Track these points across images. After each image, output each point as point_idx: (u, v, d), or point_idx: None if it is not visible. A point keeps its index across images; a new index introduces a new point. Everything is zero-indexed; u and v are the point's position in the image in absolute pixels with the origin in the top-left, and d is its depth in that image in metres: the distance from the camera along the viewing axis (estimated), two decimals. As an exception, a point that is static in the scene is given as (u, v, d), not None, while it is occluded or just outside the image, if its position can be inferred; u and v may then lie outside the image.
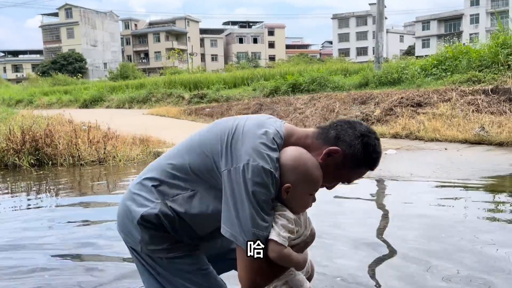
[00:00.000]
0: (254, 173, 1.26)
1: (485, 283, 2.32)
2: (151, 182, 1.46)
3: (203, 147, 1.40)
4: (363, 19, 74.49)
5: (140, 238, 1.44)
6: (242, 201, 1.27)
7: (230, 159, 1.31)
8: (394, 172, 5.47)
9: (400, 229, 3.40)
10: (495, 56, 11.44)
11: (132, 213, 1.44)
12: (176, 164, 1.44)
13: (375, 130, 1.46)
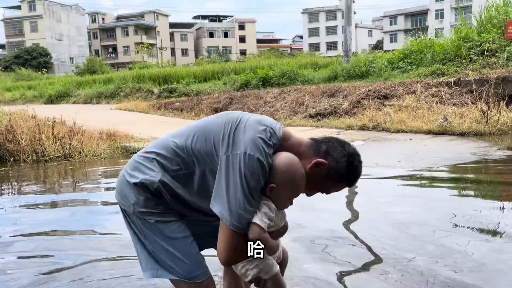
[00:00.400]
0: (250, 162, 1.41)
1: (447, 264, 2.41)
2: (154, 155, 1.58)
3: (207, 133, 1.53)
4: (333, 14, 75.25)
5: (134, 200, 1.55)
6: (235, 184, 1.41)
7: (230, 146, 1.45)
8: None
9: (366, 216, 3.48)
10: (458, 50, 11.80)
11: (132, 177, 1.57)
12: (180, 143, 1.55)
13: (356, 150, 1.62)
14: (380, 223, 3.22)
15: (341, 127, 9.02)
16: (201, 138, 1.53)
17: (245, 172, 1.40)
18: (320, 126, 9.52)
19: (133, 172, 1.58)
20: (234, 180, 1.41)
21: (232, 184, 1.41)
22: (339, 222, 3.31)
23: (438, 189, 4.36)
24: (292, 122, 10.09)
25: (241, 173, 1.40)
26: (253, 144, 1.43)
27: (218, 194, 1.44)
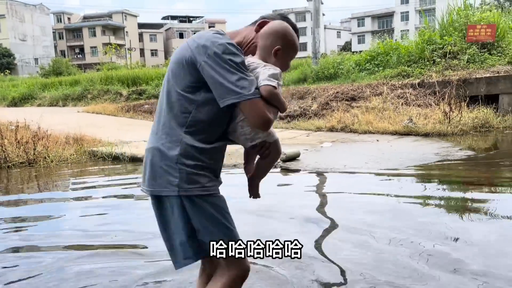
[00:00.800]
0: (222, 48, 1.48)
1: (420, 244, 2.50)
2: (166, 127, 1.56)
3: (180, 68, 1.55)
4: (302, 15, 76.02)
5: (178, 180, 1.51)
6: (226, 72, 1.46)
7: (200, 55, 1.49)
8: (330, 164, 5.68)
9: (337, 212, 3.56)
10: (422, 52, 12.18)
11: (169, 157, 1.52)
12: (172, 100, 1.56)
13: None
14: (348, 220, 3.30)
15: (311, 129, 9.15)
16: (180, 76, 1.55)
17: (225, 57, 1.47)
18: (290, 128, 9.62)
19: (165, 151, 1.54)
20: (223, 70, 1.46)
21: (224, 74, 1.46)
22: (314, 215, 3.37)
23: (404, 189, 4.49)
24: (263, 124, 10.15)
25: (223, 60, 1.46)
26: (215, 38, 1.50)
27: (220, 91, 1.47)
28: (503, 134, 7.94)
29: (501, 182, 4.87)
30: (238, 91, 1.45)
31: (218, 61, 1.47)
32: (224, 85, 1.46)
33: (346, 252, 2.77)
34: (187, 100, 1.53)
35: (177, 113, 1.54)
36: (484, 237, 2.96)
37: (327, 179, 5.13)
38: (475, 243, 2.84)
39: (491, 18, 12.35)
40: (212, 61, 1.47)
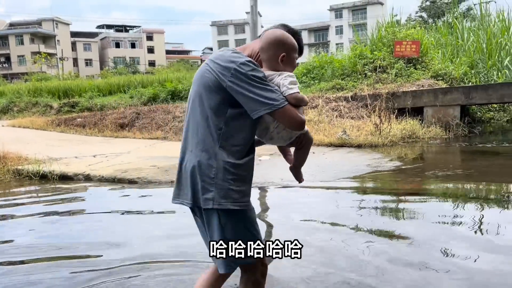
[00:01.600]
0: (244, 66, 1.63)
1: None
2: (201, 145, 1.70)
3: (207, 90, 1.69)
4: (241, 27, 76.91)
5: (213, 194, 1.65)
6: (253, 88, 1.62)
7: (225, 75, 1.63)
8: (268, 178, 5.73)
9: (278, 230, 3.57)
10: (354, 66, 12.76)
11: (206, 173, 1.66)
12: (207, 119, 1.69)
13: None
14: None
15: (250, 142, 9.20)
16: (211, 99, 1.68)
17: (249, 74, 1.62)
18: (229, 141, 9.61)
19: (203, 165, 1.67)
20: (250, 87, 1.62)
21: (253, 90, 1.62)
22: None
23: (338, 201, 4.63)
24: (202, 137, 10.06)
25: (248, 77, 1.62)
26: (233, 58, 1.66)
27: (252, 105, 1.63)
28: (428, 144, 8.48)
29: (427, 191, 5.17)
30: (269, 102, 1.62)
31: (243, 78, 1.62)
32: (254, 99, 1.62)
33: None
34: (218, 117, 1.68)
35: (211, 131, 1.68)
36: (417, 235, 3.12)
37: (265, 194, 5.16)
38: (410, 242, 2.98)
39: (415, 35, 13.24)
40: (237, 79, 1.62)
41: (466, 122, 9.92)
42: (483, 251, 2.97)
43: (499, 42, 13.15)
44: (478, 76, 12.43)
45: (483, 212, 4.07)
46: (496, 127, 11.03)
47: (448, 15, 21.06)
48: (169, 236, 3.57)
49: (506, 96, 9.50)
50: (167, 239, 3.48)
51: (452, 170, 6.09)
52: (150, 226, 3.96)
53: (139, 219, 4.28)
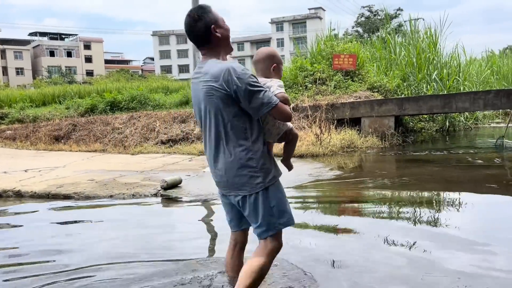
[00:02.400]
0: (242, 72, 2.05)
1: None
2: (231, 149, 2.15)
3: (223, 104, 2.10)
4: (183, 38, 76.26)
5: (261, 179, 2.14)
6: (255, 92, 2.06)
7: (232, 85, 2.04)
8: (211, 190, 5.66)
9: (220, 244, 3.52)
10: (295, 78, 13.08)
11: (250, 165, 2.13)
12: (229, 129, 2.14)
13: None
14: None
15: (194, 153, 9.09)
16: (224, 112, 2.11)
17: (248, 81, 2.03)
18: (173, 152, 9.44)
19: (249, 162, 2.13)
20: (251, 92, 2.05)
21: (254, 94, 2.05)
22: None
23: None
24: (143, 149, 9.79)
25: (246, 84, 2.03)
26: (235, 69, 2.06)
27: (256, 106, 2.08)
28: (365, 154, 8.85)
29: (365, 199, 5.37)
30: (266, 101, 2.07)
31: (245, 85, 2.04)
32: (258, 100, 2.06)
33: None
34: (240, 121, 2.12)
35: (238, 135, 2.12)
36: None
37: (208, 207, 5.10)
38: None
39: (352, 48, 13.85)
40: (241, 87, 2.03)
41: (400, 131, 10.48)
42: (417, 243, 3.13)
43: (427, 57, 14.09)
44: (410, 88, 13.21)
45: (416, 215, 4.29)
46: (426, 136, 11.75)
47: (382, 31, 22.25)
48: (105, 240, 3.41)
49: (434, 107, 10.16)
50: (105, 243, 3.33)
51: (388, 178, 6.39)
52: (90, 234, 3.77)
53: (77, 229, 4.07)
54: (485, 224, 4.05)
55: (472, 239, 3.45)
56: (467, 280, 2.63)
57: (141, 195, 5.62)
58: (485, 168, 6.96)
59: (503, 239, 3.46)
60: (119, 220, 4.60)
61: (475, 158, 7.69)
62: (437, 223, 3.99)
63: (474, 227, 3.88)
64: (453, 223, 3.88)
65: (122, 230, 4.17)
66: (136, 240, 3.78)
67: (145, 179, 6.55)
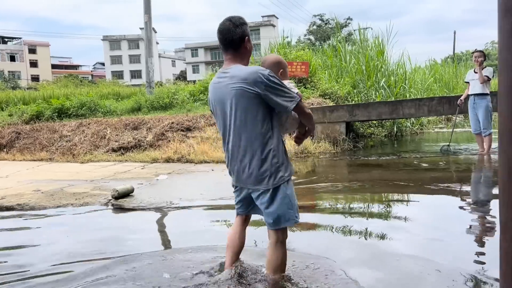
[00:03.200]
0: (270, 77, 2.33)
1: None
2: (259, 148, 2.41)
3: (249, 107, 2.38)
4: (135, 43, 74.89)
5: (282, 173, 2.45)
6: (281, 91, 2.35)
7: (259, 88, 2.32)
8: (165, 198, 5.56)
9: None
10: (249, 84, 13.13)
11: (273, 163, 2.42)
12: (257, 131, 2.41)
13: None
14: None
15: (146, 161, 8.90)
16: (245, 108, 2.39)
17: (274, 82, 2.33)
18: (124, 160, 9.19)
19: (268, 164, 2.43)
20: (276, 90, 2.35)
21: (280, 93, 2.35)
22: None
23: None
24: (93, 157, 9.46)
25: (274, 81, 2.33)
26: (259, 72, 2.33)
27: (282, 104, 2.36)
28: (318, 159, 9.03)
29: (319, 201, 5.47)
30: (293, 97, 2.39)
31: (274, 86, 2.34)
32: (287, 97, 2.37)
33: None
34: (265, 121, 2.41)
35: (264, 134, 2.40)
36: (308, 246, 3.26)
37: (161, 215, 4.99)
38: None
39: (304, 56, 14.13)
40: (270, 87, 2.32)
41: (351, 137, 10.79)
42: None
43: (375, 65, 14.64)
44: (360, 95, 13.65)
45: (367, 216, 4.42)
46: (376, 141, 12.17)
47: (333, 39, 22.91)
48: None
49: (383, 113, 10.56)
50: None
51: (341, 182, 6.55)
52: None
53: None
54: (427, 218, 4.25)
55: (415, 230, 3.63)
56: (406, 260, 2.77)
57: (91, 205, 5.42)
58: (430, 171, 7.30)
59: (438, 228, 3.67)
60: (66, 230, 4.39)
61: (421, 162, 8.06)
62: (385, 218, 4.14)
63: (417, 221, 4.06)
64: (399, 218, 4.04)
65: (69, 238, 3.99)
66: (83, 247, 3.63)
67: (95, 188, 6.33)
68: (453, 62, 27.90)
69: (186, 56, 76.22)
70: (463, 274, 2.84)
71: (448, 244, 3.50)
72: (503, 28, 1.10)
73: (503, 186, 1.10)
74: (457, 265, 2.99)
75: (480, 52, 8.26)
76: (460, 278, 2.77)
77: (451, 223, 4.18)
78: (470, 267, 2.98)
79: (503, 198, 1.10)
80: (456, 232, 3.84)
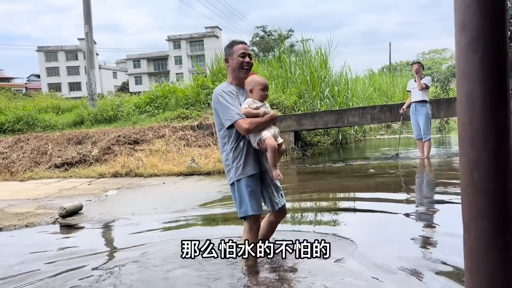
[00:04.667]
0: (218, 94, 2.99)
1: None
2: (220, 150, 3.19)
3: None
4: (74, 54, 72.08)
5: (230, 176, 3.09)
6: (224, 109, 2.96)
7: (212, 102, 3.09)
8: (117, 214, 5.38)
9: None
10: (197, 96, 13.09)
11: (226, 166, 3.17)
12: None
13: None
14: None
15: (93, 176, 8.55)
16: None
17: (220, 99, 2.97)
18: (69, 177, 8.77)
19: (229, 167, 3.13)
20: (221, 107, 2.98)
21: (223, 109, 2.96)
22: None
23: (189, 231, 4.61)
24: (35, 175, 8.94)
25: (219, 101, 2.97)
26: (216, 89, 3.06)
27: (222, 120, 3.01)
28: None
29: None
30: (227, 119, 2.96)
31: (219, 104, 3.00)
32: (225, 115, 2.96)
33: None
34: (221, 129, 3.09)
35: (221, 143, 3.16)
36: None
37: (114, 233, 4.82)
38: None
39: (251, 67, 14.28)
40: (217, 104, 3.01)
41: (299, 146, 11.04)
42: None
43: (319, 75, 15.12)
44: (306, 105, 14.01)
45: (317, 218, 4.55)
46: (322, 149, 12.54)
47: (277, 50, 23.39)
48: None
49: (329, 122, 10.92)
50: None
51: (293, 189, 6.67)
52: None
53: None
54: (371, 223, 4.44)
55: (356, 235, 3.78)
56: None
57: (36, 225, 5.12)
58: (377, 176, 7.64)
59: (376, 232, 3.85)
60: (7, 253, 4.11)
61: (368, 168, 8.41)
62: (333, 223, 4.27)
63: (361, 225, 4.23)
64: (345, 223, 4.19)
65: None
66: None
67: (40, 207, 5.99)
68: (390, 72, 29.47)
69: (128, 67, 74.35)
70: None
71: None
72: (460, 42, 1.19)
73: (464, 187, 1.18)
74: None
75: (418, 64, 8.82)
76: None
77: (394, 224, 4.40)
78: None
79: (465, 198, 1.19)
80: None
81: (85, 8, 15.95)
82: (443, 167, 8.04)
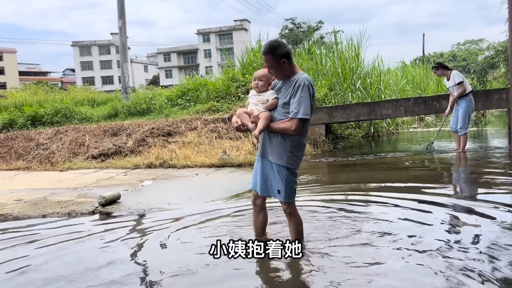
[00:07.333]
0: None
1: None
2: None
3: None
4: (106, 48, 73.76)
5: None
6: (305, 100, 3.21)
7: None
8: (154, 203, 5.54)
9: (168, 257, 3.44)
10: (228, 89, 13.19)
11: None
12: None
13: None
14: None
15: (128, 167, 8.79)
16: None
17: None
18: (105, 167, 9.04)
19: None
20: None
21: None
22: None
23: (225, 220, 4.69)
24: (73, 165, 9.28)
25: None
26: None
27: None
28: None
29: (308, 201, 5.54)
30: None
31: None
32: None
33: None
34: None
35: None
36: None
37: (152, 221, 4.96)
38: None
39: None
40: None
41: (330, 138, 10.97)
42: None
43: (351, 67, 14.93)
44: (337, 97, 13.88)
45: (361, 210, 4.54)
46: (354, 142, 12.41)
47: (306, 42, 23.20)
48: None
49: (361, 114, 10.80)
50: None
51: (323, 183, 6.66)
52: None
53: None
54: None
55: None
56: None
57: (77, 213, 5.34)
58: (411, 169, 7.52)
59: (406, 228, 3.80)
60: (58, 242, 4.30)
61: (402, 161, 8.28)
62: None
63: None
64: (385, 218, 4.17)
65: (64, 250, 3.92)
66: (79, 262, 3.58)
67: (80, 196, 6.23)
68: (423, 63, 28.72)
69: (159, 61, 75.51)
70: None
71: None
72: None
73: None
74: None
75: (434, 68, 8.85)
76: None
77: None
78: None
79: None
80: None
81: (119, 3, 16.30)
82: (479, 160, 7.83)
